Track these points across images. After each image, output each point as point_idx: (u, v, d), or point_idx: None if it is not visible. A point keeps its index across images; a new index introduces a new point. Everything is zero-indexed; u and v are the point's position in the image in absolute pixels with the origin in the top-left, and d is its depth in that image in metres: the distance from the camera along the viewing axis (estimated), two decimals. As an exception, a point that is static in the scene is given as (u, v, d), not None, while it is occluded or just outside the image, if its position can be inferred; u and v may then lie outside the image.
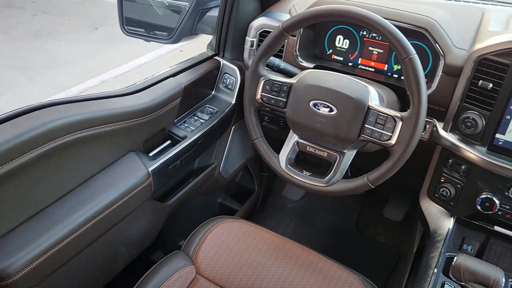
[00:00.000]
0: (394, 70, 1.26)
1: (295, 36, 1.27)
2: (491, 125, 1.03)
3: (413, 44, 1.17)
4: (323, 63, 1.32)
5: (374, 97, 0.99)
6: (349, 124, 0.98)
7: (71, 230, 0.94)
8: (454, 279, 0.92)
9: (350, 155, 1.04)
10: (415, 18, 1.11)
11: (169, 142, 1.24)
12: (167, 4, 1.45)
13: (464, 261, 0.90)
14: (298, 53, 1.28)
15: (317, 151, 1.07)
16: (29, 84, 3.74)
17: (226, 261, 1.09)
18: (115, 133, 1.04)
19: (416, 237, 1.39)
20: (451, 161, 1.12)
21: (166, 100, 1.17)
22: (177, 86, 1.22)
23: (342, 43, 1.31)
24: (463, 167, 1.10)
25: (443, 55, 1.08)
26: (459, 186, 1.12)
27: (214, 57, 1.44)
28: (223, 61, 1.42)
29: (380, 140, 0.96)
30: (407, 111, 0.95)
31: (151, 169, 1.12)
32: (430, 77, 1.16)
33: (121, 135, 1.07)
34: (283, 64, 1.20)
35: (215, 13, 1.41)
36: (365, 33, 1.27)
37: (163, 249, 1.49)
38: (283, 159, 1.09)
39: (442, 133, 1.11)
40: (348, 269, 1.09)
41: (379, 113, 0.96)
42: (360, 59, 1.30)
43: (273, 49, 1.07)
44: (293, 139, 1.10)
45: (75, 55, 4.33)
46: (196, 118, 1.33)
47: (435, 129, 1.13)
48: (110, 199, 1.02)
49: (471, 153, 1.05)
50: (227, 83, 1.42)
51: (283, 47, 1.30)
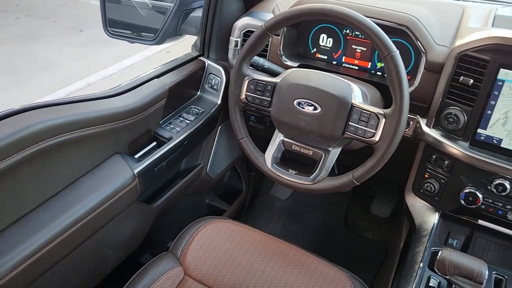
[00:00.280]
0: (377, 67, 1.27)
1: (278, 35, 1.27)
2: (473, 121, 1.04)
3: (395, 41, 1.18)
4: (308, 62, 1.32)
5: (357, 94, 1.00)
6: (333, 122, 0.99)
7: (56, 234, 0.93)
8: (439, 273, 0.93)
9: (335, 152, 1.04)
10: (396, 15, 1.12)
11: (154, 143, 1.24)
12: (151, 5, 1.44)
13: (448, 255, 0.91)
14: (282, 52, 1.29)
15: (302, 150, 1.08)
16: (14, 87, 3.69)
17: (214, 261, 1.09)
18: (100, 135, 1.04)
19: (402, 232, 1.41)
20: (434, 156, 1.13)
21: (151, 101, 1.17)
22: (161, 87, 1.22)
23: (325, 41, 1.32)
24: (447, 162, 1.11)
25: (424, 52, 1.10)
26: (443, 181, 1.13)
27: (199, 58, 1.44)
28: (208, 62, 1.42)
29: (364, 137, 0.97)
30: (390, 108, 0.96)
31: (136, 171, 1.12)
32: (412, 74, 1.17)
33: (106, 137, 1.07)
34: (267, 63, 1.20)
35: (199, 13, 1.40)
36: (348, 31, 1.28)
37: (151, 251, 1.48)
38: (269, 158, 1.09)
39: (425, 129, 1.12)
40: (335, 266, 1.10)
41: (363, 111, 0.97)
42: (344, 57, 1.31)
43: (256, 49, 1.08)
44: (278, 138, 1.10)
45: (60, 57, 4.29)
46: (181, 119, 1.33)
47: (418, 125, 1.14)
48: (95, 202, 1.01)
49: (454, 149, 1.07)
50: (213, 84, 1.42)
51: (267, 47, 1.30)
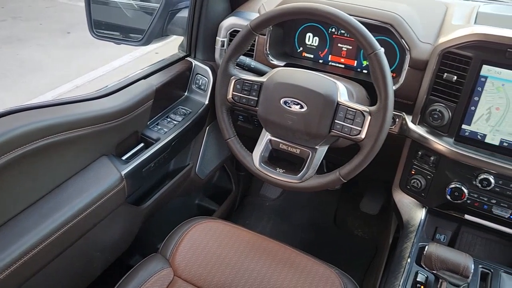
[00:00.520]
0: (363, 66, 1.28)
1: (264, 35, 1.27)
2: (457, 117, 1.06)
3: (380, 39, 1.19)
4: (294, 61, 1.33)
5: (343, 92, 1.01)
6: (319, 120, 1.00)
7: (43, 237, 0.92)
8: (426, 268, 0.94)
9: (322, 151, 1.05)
10: (380, 14, 1.13)
11: (142, 145, 1.23)
12: (136, 6, 1.44)
13: (434, 250, 0.92)
14: (268, 52, 1.29)
15: (289, 148, 1.08)
16: (1, 91, 3.65)
17: (203, 261, 1.09)
18: (86, 137, 1.03)
19: (391, 229, 1.42)
20: (420, 153, 1.15)
21: (137, 102, 1.17)
22: (148, 88, 1.22)
23: (312, 40, 1.32)
24: (432, 158, 1.12)
25: (408, 49, 1.11)
26: (429, 177, 1.15)
27: (185, 58, 1.43)
28: (195, 62, 1.42)
29: (350, 135, 0.98)
30: (375, 105, 0.96)
31: (124, 173, 1.11)
32: (397, 72, 1.18)
33: (92, 139, 1.06)
34: (253, 63, 1.21)
35: (185, 14, 1.40)
36: (333, 30, 1.28)
37: (141, 252, 1.47)
38: (256, 157, 1.10)
39: (411, 126, 1.13)
40: (325, 263, 1.10)
41: (348, 109, 0.98)
42: (330, 56, 1.31)
43: (242, 48, 1.08)
44: (265, 137, 1.11)
45: (48, 60, 4.25)
46: (169, 119, 1.33)
47: (404, 122, 1.15)
48: (82, 205, 1.00)
49: (439, 145, 1.08)
50: (200, 84, 1.42)
51: (254, 46, 1.31)
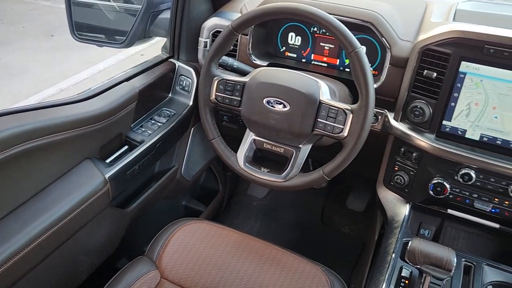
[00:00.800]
0: (345, 64, 1.29)
1: (247, 35, 1.28)
2: (438, 113, 1.07)
3: (361, 38, 1.21)
4: (277, 60, 1.33)
5: (325, 91, 1.01)
6: (302, 119, 1.00)
7: (27, 242, 0.91)
8: (410, 263, 0.95)
9: (305, 149, 1.06)
10: (360, 12, 1.14)
11: (126, 147, 1.23)
12: (118, 8, 1.43)
13: (418, 245, 0.93)
14: (251, 52, 1.29)
15: (273, 148, 1.09)
16: (-17, 96, 3.60)
17: (190, 263, 1.09)
18: (69, 141, 1.02)
19: (376, 225, 1.43)
20: (403, 149, 1.16)
21: (120, 105, 1.16)
22: (131, 90, 1.21)
23: (294, 40, 1.33)
24: (415, 154, 1.14)
25: (389, 47, 1.12)
26: (412, 173, 1.16)
27: (169, 60, 1.43)
28: (178, 63, 1.42)
29: (332, 133, 0.99)
30: (357, 103, 0.97)
31: (107, 176, 1.10)
32: (379, 70, 1.19)
33: (75, 143, 1.05)
34: (236, 63, 1.21)
35: (167, 15, 1.40)
36: (315, 29, 1.29)
37: (128, 255, 1.47)
38: (241, 157, 1.10)
39: (393, 123, 1.15)
40: (311, 261, 1.11)
41: (330, 107, 0.98)
42: (313, 55, 1.32)
43: (224, 49, 1.08)
44: (249, 137, 1.11)
45: (31, 63, 4.20)
46: (153, 121, 1.32)
47: (386, 119, 1.16)
48: (66, 209, 1.00)
49: (421, 141, 1.09)
50: (184, 85, 1.42)
51: (237, 46, 1.31)
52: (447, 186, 1.10)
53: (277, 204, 2.00)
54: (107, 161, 1.17)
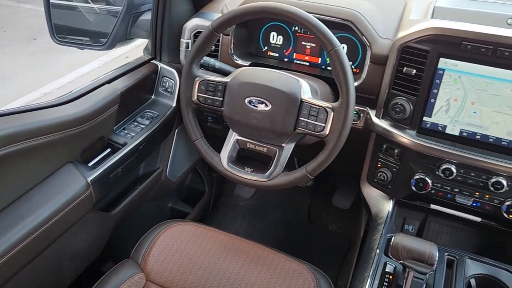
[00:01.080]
0: (327, 63, 1.29)
1: (228, 35, 1.28)
2: (418, 109, 1.08)
3: (342, 36, 1.21)
4: (259, 60, 1.33)
5: (306, 90, 1.02)
6: (284, 118, 1.00)
7: (8, 248, 0.90)
8: (394, 258, 0.96)
9: (288, 148, 1.06)
10: (340, 11, 1.15)
11: (109, 150, 1.22)
12: (98, 10, 1.42)
13: (400, 240, 0.94)
14: (233, 52, 1.29)
15: (257, 147, 1.09)
16: (-36, 101, 3.55)
17: (176, 264, 1.09)
18: (49, 145, 1.01)
19: (362, 222, 1.44)
20: (385, 146, 1.17)
21: (102, 107, 1.15)
22: (113, 93, 1.20)
23: (276, 39, 1.33)
24: (396, 151, 1.15)
25: (369, 45, 1.13)
26: (394, 169, 1.17)
27: (151, 61, 1.42)
28: (160, 65, 1.41)
29: (314, 131, 0.99)
30: (337, 101, 0.98)
31: (90, 179, 1.09)
32: (360, 67, 1.20)
33: (56, 147, 1.04)
34: (218, 63, 1.21)
35: (148, 16, 1.39)
36: (297, 28, 1.30)
37: (114, 259, 1.45)
38: (224, 158, 1.10)
39: (375, 120, 1.16)
40: (297, 260, 1.11)
41: (312, 105, 0.99)
42: (294, 54, 1.33)
43: (205, 49, 1.08)
44: (233, 137, 1.11)
45: (14, 68, 4.14)
46: (136, 123, 1.31)
47: (368, 117, 1.17)
48: (47, 214, 0.98)
49: (403, 137, 1.10)
50: (167, 86, 1.41)
51: (219, 47, 1.31)
52: (429, 181, 1.12)
53: (264, 203, 2.00)
54: (90, 164, 1.16)
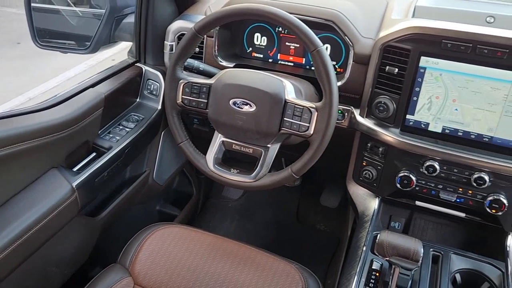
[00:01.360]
0: (311, 63, 1.30)
1: (212, 37, 1.28)
2: (401, 108, 1.10)
3: (325, 36, 1.22)
4: (244, 61, 1.34)
5: (290, 90, 1.02)
6: (268, 118, 1.01)
7: None
8: (379, 256, 0.97)
9: (274, 149, 1.06)
10: (322, 11, 1.16)
11: (94, 154, 1.21)
12: (80, 13, 1.41)
13: (386, 237, 0.95)
14: (217, 54, 1.29)
15: (242, 148, 1.09)
16: None
17: (163, 267, 1.08)
18: (33, 150, 1.00)
19: (349, 221, 1.45)
20: (369, 144, 1.18)
21: (86, 112, 1.14)
22: (97, 96, 1.19)
23: (260, 40, 1.34)
24: (381, 149, 1.16)
25: (352, 45, 1.14)
26: (379, 167, 1.18)
27: (135, 64, 1.42)
28: (145, 67, 1.40)
29: (299, 131, 1.00)
30: (321, 101, 0.99)
31: (75, 184, 1.09)
32: (344, 67, 1.21)
33: (40, 152, 1.03)
34: (202, 65, 1.20)
35: (132, 19, 1.38)
36: (280, 29, 1.30)
37: (101, 263, 1.44)
38: (210, 160, 1.10)
39: (359, 119, 1.17)
40: (285, 259, 1.12)
41: (296, 106, 0.99)
42: (279, 54, 1.33)
43: (188, 52, 1.08)
44: (218, 139, 1.11)
45: (-3, 73, 4.10)
46: (121, 127, 1.31)
47: (353, 116, 1.18)
48: (32, 220, 0.97)
49: (387, 135, 1.12)
50: (152, 89, 1.40)
51: (203, 49, 1.31)
52: (413, 178, 1.13)
53: (252, 204, 2.00)
54: (74, 169, 1.15)
